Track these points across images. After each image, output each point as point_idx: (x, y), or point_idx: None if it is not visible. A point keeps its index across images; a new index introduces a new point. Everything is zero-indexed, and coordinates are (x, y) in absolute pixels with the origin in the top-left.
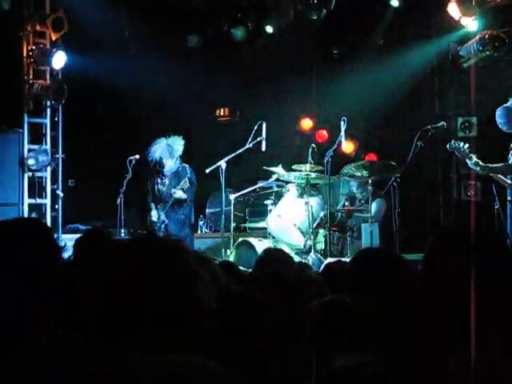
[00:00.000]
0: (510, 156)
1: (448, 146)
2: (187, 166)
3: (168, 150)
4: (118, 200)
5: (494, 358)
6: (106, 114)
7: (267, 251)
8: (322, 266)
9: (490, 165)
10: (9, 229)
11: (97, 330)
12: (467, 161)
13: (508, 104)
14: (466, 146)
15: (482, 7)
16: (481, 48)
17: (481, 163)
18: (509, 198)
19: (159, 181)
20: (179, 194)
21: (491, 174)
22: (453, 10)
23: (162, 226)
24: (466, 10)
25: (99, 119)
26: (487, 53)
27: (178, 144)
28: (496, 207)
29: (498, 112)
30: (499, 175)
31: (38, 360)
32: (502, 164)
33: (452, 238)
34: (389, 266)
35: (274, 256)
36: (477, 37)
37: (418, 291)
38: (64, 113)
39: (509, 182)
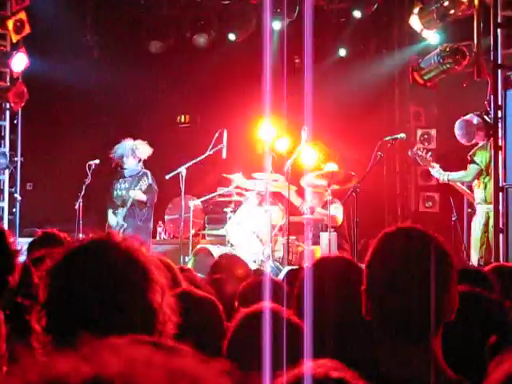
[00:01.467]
0: (468, 164)
1: (409, 153)
2: (148, 172)
3: (132, 149)
4: (77, 204)
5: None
6: (66, 117)
7: (222, 256)
8: (284, 272)
9: (451, 173)
10: None
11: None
12: (430, 169)
13: (467, 117)
14: (429, 154)
15: (443, 20)
16: (441, 60)
17: (442, 171)
18: (469, 210)
19: (118, 185)
20: (137, 194)
21: (452, 183)
22: (414, 22)
23: (121, 230)
24: (427, 23)
25: (59, 123)
26: (448, 65)
27: (143, 147)
28: (453, 219)
29: (457, 124)
30: (459, 184)
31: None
32: (461, 172)
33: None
34: (346, 273)
35: (229, 261)
36: (437, 49)
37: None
38: (23, 116)
39: (469, 192)
